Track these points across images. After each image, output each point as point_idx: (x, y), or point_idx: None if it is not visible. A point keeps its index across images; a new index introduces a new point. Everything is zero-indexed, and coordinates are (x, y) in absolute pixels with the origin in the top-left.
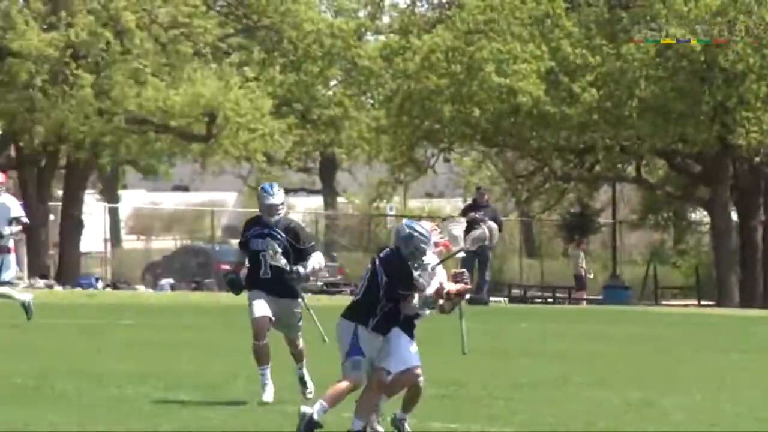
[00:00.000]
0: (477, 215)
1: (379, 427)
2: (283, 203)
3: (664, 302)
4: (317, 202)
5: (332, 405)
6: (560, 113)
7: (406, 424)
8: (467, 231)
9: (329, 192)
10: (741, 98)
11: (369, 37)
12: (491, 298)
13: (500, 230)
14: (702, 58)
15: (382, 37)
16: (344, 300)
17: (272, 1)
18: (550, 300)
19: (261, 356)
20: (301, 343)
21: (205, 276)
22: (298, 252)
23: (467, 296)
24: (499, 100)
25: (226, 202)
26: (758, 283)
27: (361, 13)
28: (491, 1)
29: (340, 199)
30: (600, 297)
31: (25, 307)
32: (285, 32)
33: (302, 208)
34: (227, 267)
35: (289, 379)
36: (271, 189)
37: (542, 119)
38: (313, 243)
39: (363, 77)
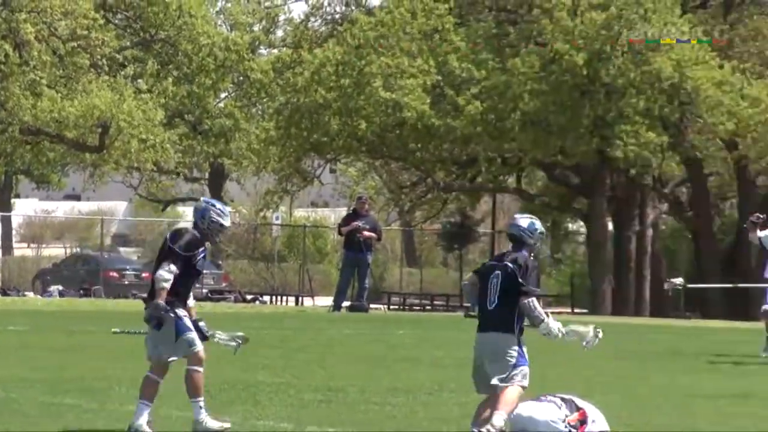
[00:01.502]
0: (359, 223)
1: None
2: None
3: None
4: None
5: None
6: (445, 126)
7: None
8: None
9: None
10: (620, 112)
11: (262, 50)
12: (371, 306)
13: (379, 239)
14: (584, 72)
15: (275, 51)
16: (230, 307)
17: (170, 15)
18: (428, 307)
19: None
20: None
21: (94, 283)
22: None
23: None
24: (385, 113)
25: (117, 211)
26: (631, 291)
27: (256, 27)
28: (382, 17)
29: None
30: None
31: None
32: (181, 45)
33: (190, 217)
34: (115, 274)
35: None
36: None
37: (427, 132)
38: None
39: (254, 90)
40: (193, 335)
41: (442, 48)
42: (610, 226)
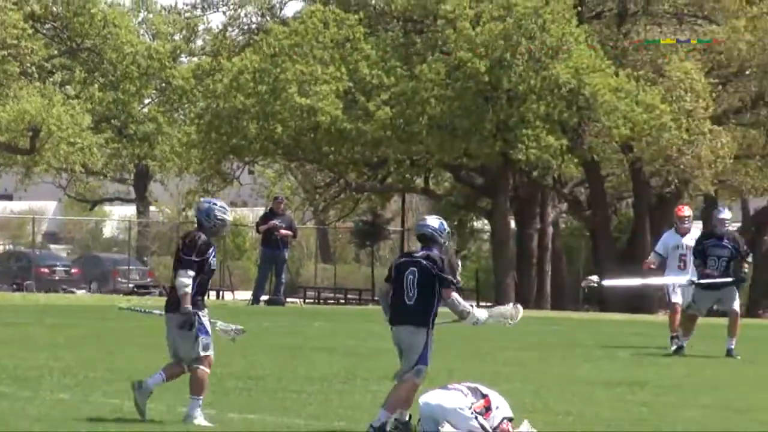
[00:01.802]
0: (276, 221)
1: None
2: None
3: None
4: (131, 210)
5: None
6: (356, 129)
7: None
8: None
9: (142, 201)
10: (521, 117)
11: (183, 58)
12: (288, 299)
13: (295, 237)
14: (487, 79)
15: (195, 59)
16: (155, 301)
17: (95, 25)
18: (342, 301)
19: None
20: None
21: (26, 278)
22: None
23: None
24: (300, 118)
25: (47, 210)
26: (533, 286)
27: (177, 37)
28: (296, 27)
29: (152, 208)
30: None
31: None
32: (106, 54)
33: (117, 216)
34: (46, 270)
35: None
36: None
37: (339, 135)
38: None
39: (176, 96)
40: (210, 340)
41: (353, 56)
42: (513, 224)
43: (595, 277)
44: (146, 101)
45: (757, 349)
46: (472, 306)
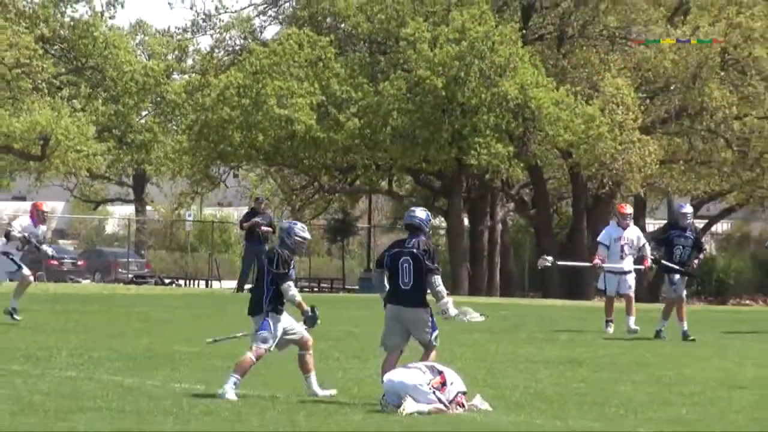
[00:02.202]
0: (258, 219)
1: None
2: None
3: None
4: (130, 209)
5: None
6: (328, 138)
7: None
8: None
9: (140, 201)
10: (474, 127)
11: (175, 76)
12: None
13: (274, 232)
14: (444, 94)
15: (186, 76)
16: (151, 290)
17: (98, 46)
18: (316, 289)
19: None
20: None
21: (38, 269)
22: None
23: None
24: (279, 127)
25: (56, 210)
26: (484, 276)
27: (170, 57)
28: (275, 48)
29: (148, 208)
30: (357, 287)
31: None
32: (107, 72)
33: (118, 215)
34: (55, 263)
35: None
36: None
37: (313, 143)
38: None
39: (169, 109)
40: (269, 335)
41: (325, 74)
42: (466, 221)
43: (550, 258)
44: (143, 113)
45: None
46: (448, 295)
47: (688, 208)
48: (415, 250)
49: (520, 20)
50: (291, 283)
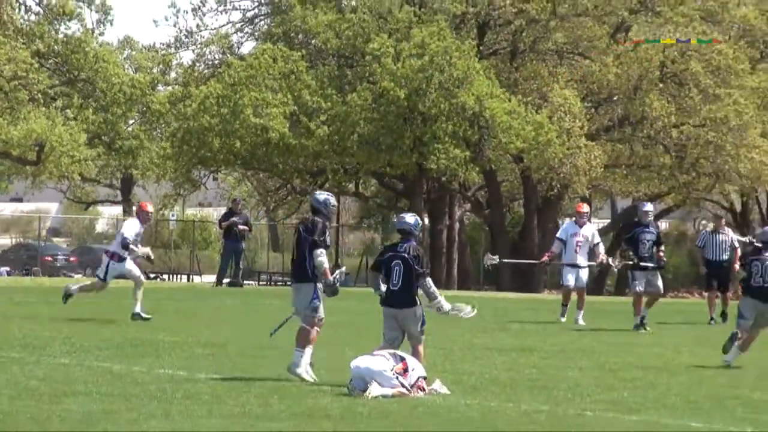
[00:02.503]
0: (236, 219)
1: None
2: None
3: None
4: (118, 210)
5: None
6: (300, 144)
7: None
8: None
9: (127, 202)
10: (434, 134)
11: (160, 87)
12: (245, 282)
13: (251, 231)
14: (406, 104)
15: (169, 88)
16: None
17: (89, 60)
18: (289, 283)
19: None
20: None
21: (33, 265)
22: None
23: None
24: (255, 135)
25: (50, 210)
26: (442, 270)
27: (155, 70)
28: (251, 62)
29: (135, 208)
30: None
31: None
32: (97, 84)
33: (107, 215)
34: (50, 259)
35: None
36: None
37: (286, 149)
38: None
39: (154, 118)
40: (319, 303)
41: (297, 85)
42: (427, 220)
43: (496, 257)
44: (130, 122)
45: (625, 320)
46: (440, 294)
47: (649, 206)
48: (406, 255)
49: (475, 37)
50: (323, 251)
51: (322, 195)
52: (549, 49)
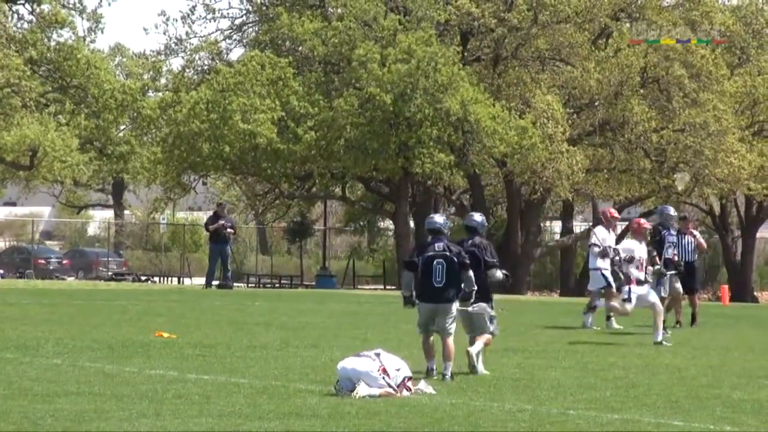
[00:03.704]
0: (223, 222)
1: None
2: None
3: (359, 287)
4: (110, 213)
5: None
6: (288, 149)
7: None
8: None
9: (118, 206)
10: (419, 139)
11: (150, 93)
12: (235, 284)
13: (235, 233)
14: (392, 109)
15: (160, 94)
16: (129, 286)
17: (80, 67)
18: (277, 285)
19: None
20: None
21: (27, 267)
22: None
23: None
24: (243, 140)
25: (43, 214)
26: None
27: (146, 76)
28: (239, 68)
29: (126, 212)
30: (313, 283)
31: None
32: (89, 90)
33: (98, 218)
34: (43, 261)
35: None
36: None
37: (274, 154)
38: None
39: (145, 123)
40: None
41: (284, 91)
42: (412, 224)
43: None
44: (121, 127)
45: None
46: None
47: (672, 210)
48: (448, 253)
49: (459, 44)
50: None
51: (480, 216)
52: (531, 56)
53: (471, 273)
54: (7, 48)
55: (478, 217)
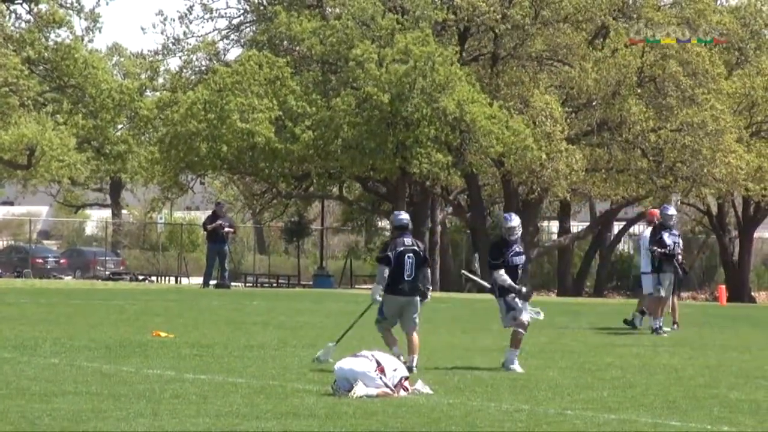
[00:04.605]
0: (221, 221)
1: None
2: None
3: (357, 286)
4: (107, 213)
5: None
6: (285, 149)
7: None
8: None
9: (116, 206)
10: (416, 139)
11: (148, 93)
12: (232, 284)
13: (235, 233)
14: (389, 109)
15: (157, 94)
16: (126, 285)
17: (78, 67)
18: (275, 285)
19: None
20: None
21: (24, 267)
22: None
23: None
24: (241, 140)
25: (41, 213)
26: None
27: (143, 76)
28: (237, 68)
29: (123, 211)
30: (311, 283)
31: None
32: (87, 90)
33: (96, 218)
34: (40, 261)
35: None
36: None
37: (272, 153)
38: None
39: (142, 123)
40: (516, 312)
41: (282, 91)
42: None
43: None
44: (119, 127)
45: (604, 321)
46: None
47: (673, 210)
48: (416, 248)
49: (457, 43)
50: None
51: (406, 214)
52: (529, 56)
53: (428, 270)
54: (4, 47)
55: (405, 215)
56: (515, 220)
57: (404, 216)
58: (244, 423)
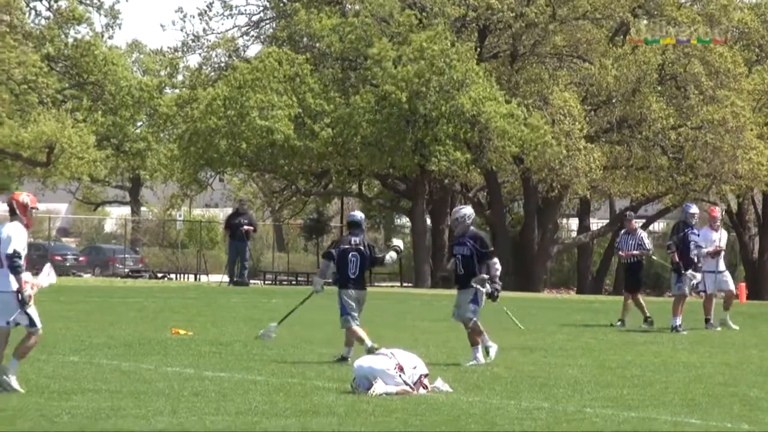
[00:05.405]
0: (242, 219)
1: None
2: None
3: (376, 283)
4: (126, 210)
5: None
6: (304, 146)
7: None
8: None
9: (135, 203)
10: (435, 136)
11: (167, 90)
12: (251, 281)
13: (255, 231)
14: (407, 107)
15: (176, 91)
16: (145, 283)
17: (98, 64)
18: (294, 282)
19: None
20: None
21: (44, 264)
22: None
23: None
24: (260, 137)
25: (60, 210)
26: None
27: (162, 73)
28: (256, 65)
29: (143, 209)
30: (330, 280)
31: None
32: (106, 87)
33: (115, 215)
34: (59, 258)
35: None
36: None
37: (291, 151)
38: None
39: (162, 120)
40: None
41: (301, 88)
42: (429, 221)
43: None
44: (138, 124)
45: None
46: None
47: (695, 208)
48: (362, 247)
49: (477, 40)
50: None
51: (360, 212)
52: (549, 53)
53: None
54: (24, 45)
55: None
56: (456, 212)
57: (357, 213)
58: (263, 421)
